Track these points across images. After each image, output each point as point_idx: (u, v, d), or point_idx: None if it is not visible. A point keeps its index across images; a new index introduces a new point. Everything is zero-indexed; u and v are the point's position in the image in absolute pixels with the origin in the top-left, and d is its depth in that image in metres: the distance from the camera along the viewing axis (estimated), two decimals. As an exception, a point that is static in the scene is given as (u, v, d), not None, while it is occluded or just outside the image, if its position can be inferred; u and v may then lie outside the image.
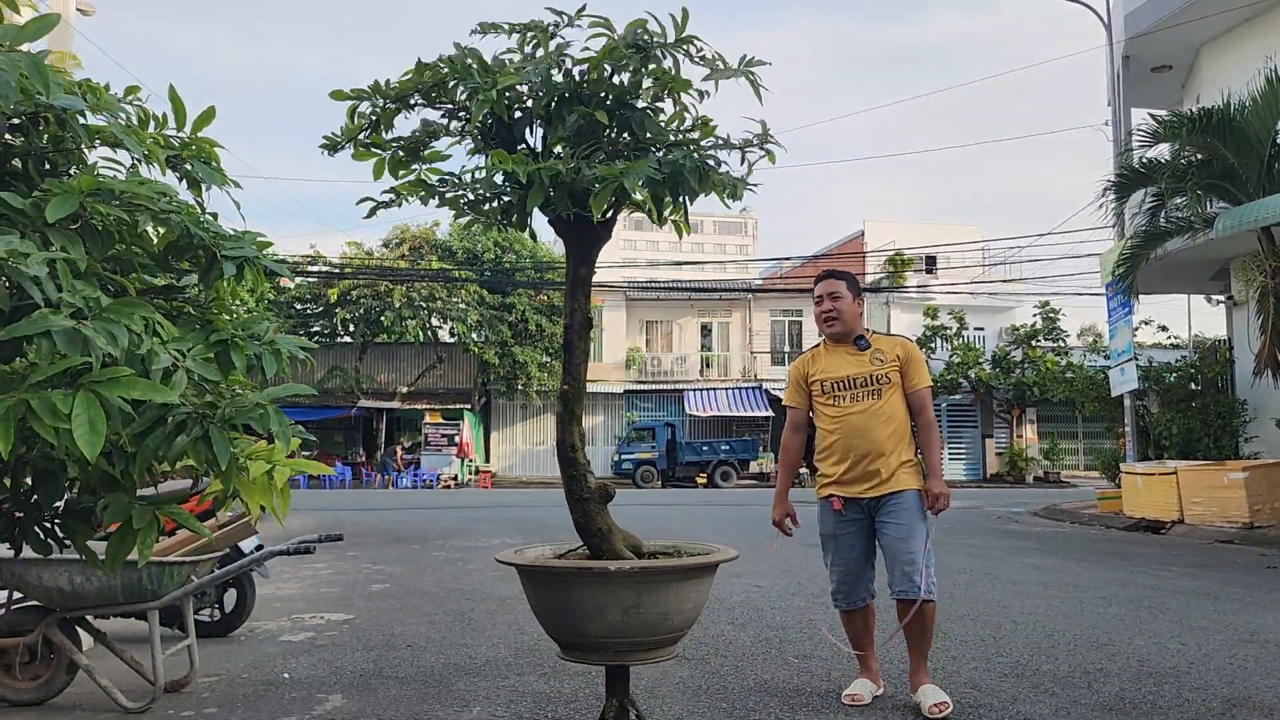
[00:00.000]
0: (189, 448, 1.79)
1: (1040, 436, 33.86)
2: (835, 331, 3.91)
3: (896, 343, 3.96)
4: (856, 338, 3.90)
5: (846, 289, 3.91)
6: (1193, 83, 17.50)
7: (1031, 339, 32.54)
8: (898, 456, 3.80)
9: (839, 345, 3.92)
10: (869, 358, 3.85)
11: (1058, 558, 9.28)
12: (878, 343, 3.91)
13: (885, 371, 3.82)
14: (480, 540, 11.46)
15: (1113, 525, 13.71)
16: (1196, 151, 12.45)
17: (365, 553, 10.30)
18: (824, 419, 3.92)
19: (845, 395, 3.84)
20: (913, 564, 3.72)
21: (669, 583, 3.06)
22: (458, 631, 5.67)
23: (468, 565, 8.98)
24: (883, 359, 3.85)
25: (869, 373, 3.81)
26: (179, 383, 1.69)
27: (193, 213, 2.00)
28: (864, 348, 3.87)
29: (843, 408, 3.84)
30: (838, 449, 3.84)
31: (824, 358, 3.96)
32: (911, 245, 34.39)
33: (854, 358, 3.86)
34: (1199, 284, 17.83)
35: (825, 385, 3.89)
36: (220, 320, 2.05)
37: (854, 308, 3.92)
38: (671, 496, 22.83)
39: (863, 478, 3.81)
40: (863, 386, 3.82)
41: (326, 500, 21.74)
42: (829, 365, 3.90)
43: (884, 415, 3.79)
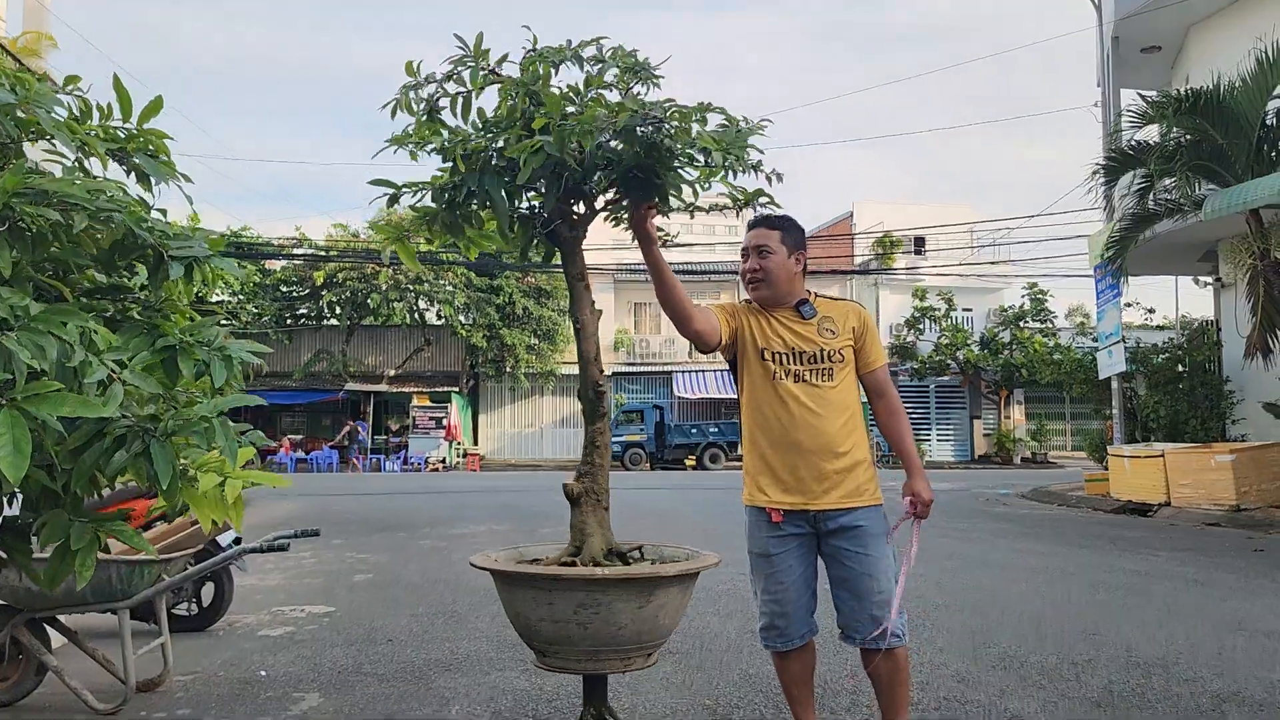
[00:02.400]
0: (129, 464, 1.68)
1: (1028, 418, 33.96)
2: (762, 295, 3.08)
3: (850, 310, 3.14)
4: (799, 302, 3.08)
5: (780, 241, 3.06)
6: (1181, 63, 17.43)
7: (1020, 320, 32.58)
8: (852, 455, 2.99)
9: (774, 310, 3.09)
10: (816, 328, 3.05)
11: (1045, 542, 9.26)
12: (826, 309, 3.10)
13: (838, 346, 3.03)
14: (466, 528, 11.39)
15: (1100, 508, 13.73)
16: (1185, 133, 12.40)
17: (350, 541, 10.21)
18: (759, 398, 3.06)
19: (788, 372, 3.01)
20: (884, 606, 2.93)
21: (620, 594, 2.91)
22: (440, 625, 5.59)
23: (452, 555, 8.89)
24: (834, 329, 3.05)
25: (818, 347, 3.02)
26: (114, 396, 1.59)
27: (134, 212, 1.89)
28: (809, 315, 3.06)
29: (785, 387, 3.01)
30: (777, 442, 3.00)
31: (763, 321, 3.09)
32: (900, 226, 34.36)
33: (797, 327, 3.05)
34: (1187, 265, 17.84)
35: (767, 353, 3.05)
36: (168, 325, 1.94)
37: (789, 265, 3.06)
38: (660, 479, 22.80)
39: (809, 482, 2.96)
40: (810, 364, 3.01)
41: (314, 484, 21.64)
42: (770, 332, 3.06)
43: (836, 401, 3.00)
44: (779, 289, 3.08)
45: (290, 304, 32.30)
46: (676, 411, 32.10)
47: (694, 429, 30.25)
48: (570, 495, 3.23)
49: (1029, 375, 30.70)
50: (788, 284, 3.10)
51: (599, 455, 3.23)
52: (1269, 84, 11.82)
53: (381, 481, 23.37)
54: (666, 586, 2.97)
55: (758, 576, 3.09)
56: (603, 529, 3.25)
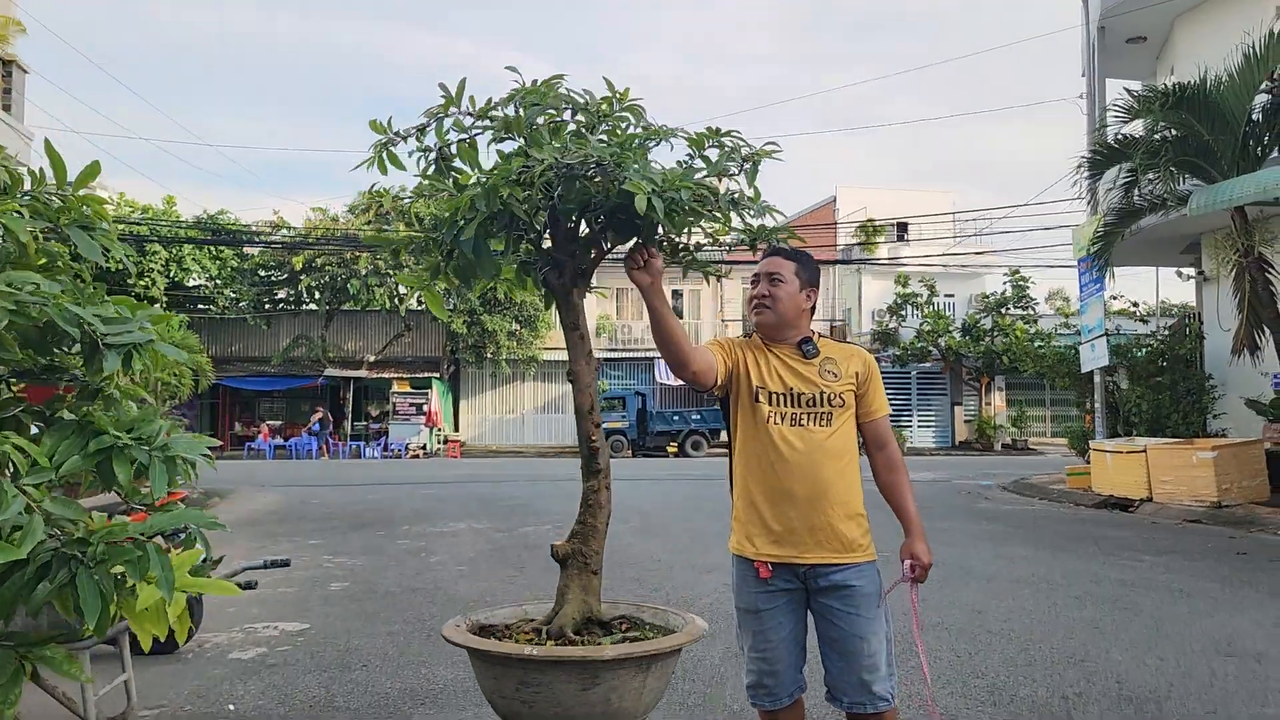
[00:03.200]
0: (54, 595, 1.53)
1: (1008, 404, 34.08)
2: (766, 323, 2.94)
3: (855, 354, 2.99)
4: (802, 340, 2.94)
5: (794, 273, 2.94)
6: (1166, 55, 17.36)
7: (1001, 307, 32.62)
8: (847, 507, 2.84)
9: (775, 346, 2.96)
10: (818, 369, 2.90)
11: (1030, 545, 9.21)
12: (829, 350, 2.96)
13: (839, 391, 2.88)
14: (446, 524, 11.25)
15: (1082, 502, 13.74)
16: (1171, 128, 12.32)
17: (328, 541, 10.07)
18: (751, 441, 2.91)
19: (784, 415, 2.86)
20: (875, 670, 2.78)
21: (557, 676, 2.76)
22: (417, 645, 5.46)
23: (430, 557, 8.76)
24: (836, 372, 2.90)
25: (818, 390, 2.87)
26: (32, 533, 1.43)
27: (60, 303, 1.73)
28: (811, 355, 2.92)
29: (781, 431, 2.85)
30: (768, 490, 2.85)
31: (761, 357, 2.95)
32: (884, 213, 34.30)
33: (798, 366, 2.90)
34: (1170, 257, 17.84)
35: (762, 394, 2.89)
36: (104, 419, 1.78)
37: (799, 299, 2.94)
38: (643, 468, 22.71)
39: (802, 534, 2.82)
40: (808, 407, 2.86)
41: (294, 474, 21.44)
42: (768, 370, 2.92)
43: (833, 449, 2.84)
44: (784, 320, 2.94)
45: (269, 289, 31.93)
46: (658, 398, 32.01)
47: (676, 416, 30.17)
48: (557, 556, 3.09)
49: (1010, 362, 30.80)
50: (794, 317, 2.95)
51: (594, 515, 3.08)
52: (1255, 79, 11.74)
53: (360, 471, 23.17)
54: (613, 669, 2.79)
55: (745, 633, 2.93)
56: (586, 595, 3.10)
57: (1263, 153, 12.10)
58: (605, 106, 2.73)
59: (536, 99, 2.59)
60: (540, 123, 2.64)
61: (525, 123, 2.58)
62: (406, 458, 29.61)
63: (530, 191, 2.40)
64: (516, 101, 2.62)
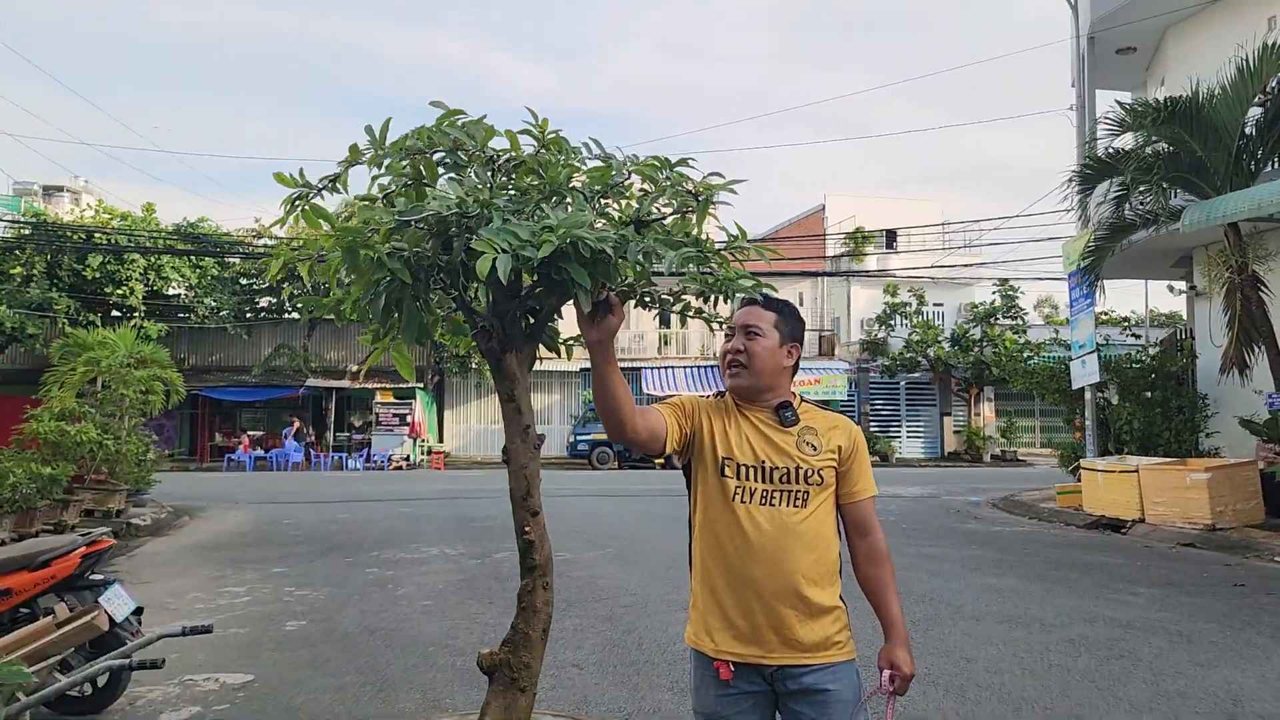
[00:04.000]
0: None
1: (998, 415, 33.86)
2: (740, 385, 2.55)
3: (839, 425, 2.59)
4: (780, 404, 2.55)
5: (774, 325, 2.56)
6: (1157, 66, 17.14)
7: (990, 317, 32.42)
8: (821, 601, 2.46)
9: (749, 409, 2.57)
10: (795, 439, 2.51)
11: (1020, 575, 8.89)
12: (811, 418, 2.57)
13: (819, 466, 2.49)
14: (419, 549, 10.87)
15: (1072, 522, 13.44)
16: (1163, 142, 12.05)
17: (293, 568, 9.69)
18: (714, 519, 2.53)
19: (754, 491, 2.48)
20: None
21: None
22: (366, 699, 5.09)
23: (397, 589, 8.39)
24: (816, 445, 2.51)
25: (793, 463, 2.48)
26: None
27: None
28: (789, 421, 2.52)
29: (749, 510, 2.47)
30: (732, 577, 2.49)
31: (729, 423, 2.56)
32: (873, 221, 34.05)
33: (773, 435, 2.52)
34: (1161, 270, 17.61)
35: (729, 467, 2.51)
36: None
37: (778, 355, 2.55)
38: (627, 481, 22.35)
39: (768, 630, 2.45)
40: (783, 484, 2.48)
41: (270, 488, 21.01)
42: (736, 437, 2.53)
43: (808, 534, 2.47)
44: (761, 380, 2.55)
45: (250, 297, 31.48)
46: (645, 408, 31.61)
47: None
48: (483, 667, 2.69)
49: (1000, 373, 30.58)
50: (772, 376, 2.56)
51: (528, 621, 2.68)
52: (1249, 92, 11.49)
53: (339, 485, 22.74)
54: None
55: None
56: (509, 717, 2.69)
57: (1256, 168, 11.86)
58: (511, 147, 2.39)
59: (423, 142, 2.23)
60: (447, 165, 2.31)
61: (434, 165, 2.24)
62: (389, 469, 29.20)
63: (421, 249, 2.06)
64: (410, 144, 2.28)
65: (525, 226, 2.06)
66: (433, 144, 2.21)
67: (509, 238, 2.02)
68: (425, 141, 2.21)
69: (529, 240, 2.02)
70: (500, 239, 2.01)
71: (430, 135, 2.22)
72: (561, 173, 2.17)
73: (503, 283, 1.89)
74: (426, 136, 2.22)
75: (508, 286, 2.32)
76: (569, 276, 1.96)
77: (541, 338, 2.58)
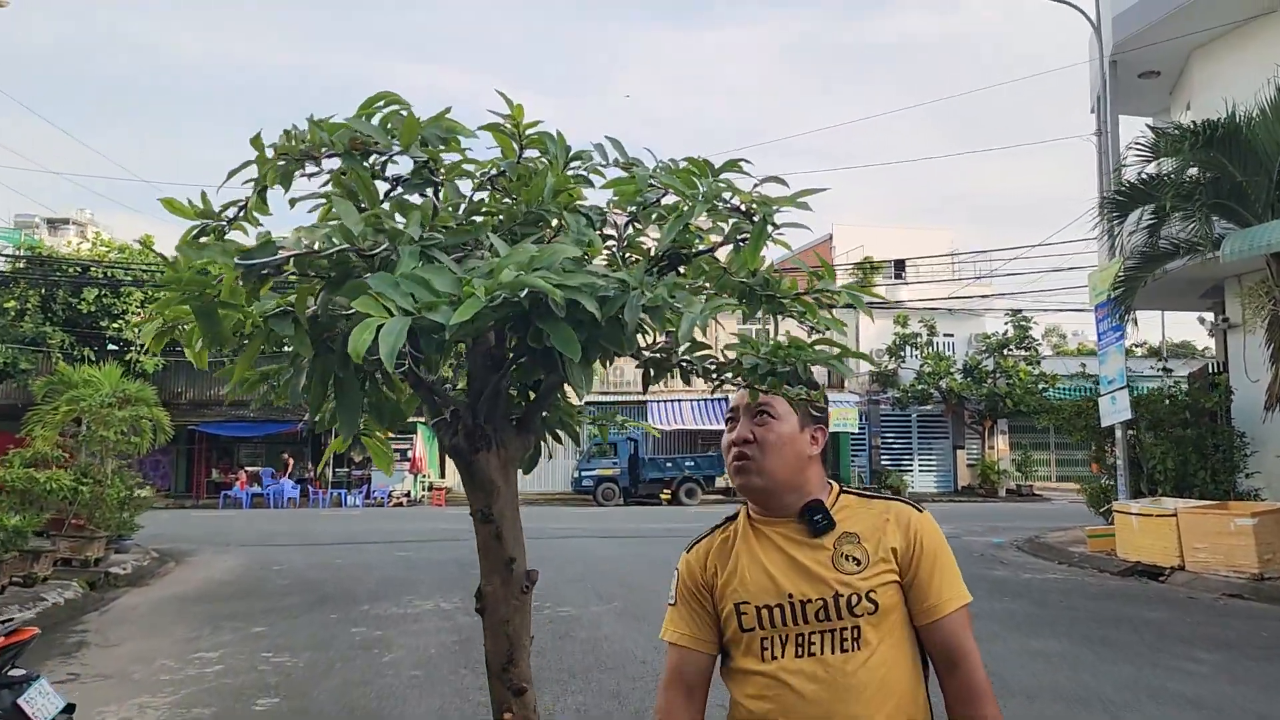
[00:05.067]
0: None
1: (1012, 448, 33.04)
2: (751, 486, 1.90)
3: (892, 515, 1.90)
4: (807, 507, 1.88)
5: (788, 408, 1.89)
6: (1181, 89, 16.57)
7: (1003, 348, 31.74)
8: None
9: (768, 520, 1.92)
10: (832, 554, 1.85)
11: (1064, 636, 8.15)
12: (849, 517, 1.90)
13: (868, 587, 1.82)
14: (410, 604, 10.15)
15: (1106, 569, 12.68)
16: (1201, 167, 11.43)
17: (275, 626, 8.98)
18: (742, 683, 1.89)
19: (785, 638, 1.83)
20: None
21: None
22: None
23: (384, 655, 7.68)
24: (861, 556, 1.84)
25: (832, 591, 1.81)
26: None
27: None
28: (821, 529, 1.86)
29: (781, 665, 1.82)
30: None
31: (741, 550, 1.92)
32: (882, 251, 33.44)
33: (800, 554, 1.86)
34: (1189, 301, 16.93)
35: (746, 616, 1.85)
36: None
37: (799, 443, 1.90)
38: (633, 520, 21.60)
39: None
40: (822, 621, 1.81)
41: (268, 527, 20.32)
42: (750, 569, 1.88)
43: (872, 685, 1.79)
44: (779, 479, 1.88)
45: (248, 330, 30.92)
46: (650, 444, 30.94)
47: (669, 463, 29.10)
48: None
49: (1014, 405, 29.86)
50: (793, 473, 1.89)
51: None
52: (1290, 115, 10.89)
53: (337, 524, 22.04)
54: None
55: None
56: None
57: (1299, 194, 11.22)
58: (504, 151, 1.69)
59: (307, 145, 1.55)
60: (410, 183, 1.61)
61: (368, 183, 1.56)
62: (389, 505, 28.48)
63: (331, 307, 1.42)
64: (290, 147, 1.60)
65: (442, 273, 1.35)
66: (317, 148, 1.54)
67: (414, 290, 1.31)
68: (311, 143, 1.53)
69: (444, 296, 1.32)
70: (396, 294, 1.31)
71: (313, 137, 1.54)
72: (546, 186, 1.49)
73: (387, 367, 1.21)
74: (298, 139, 1.55)
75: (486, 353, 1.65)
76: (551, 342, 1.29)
77: (539, 428, 1.84)
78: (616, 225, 1.66)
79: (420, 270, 1.29)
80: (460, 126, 1.62)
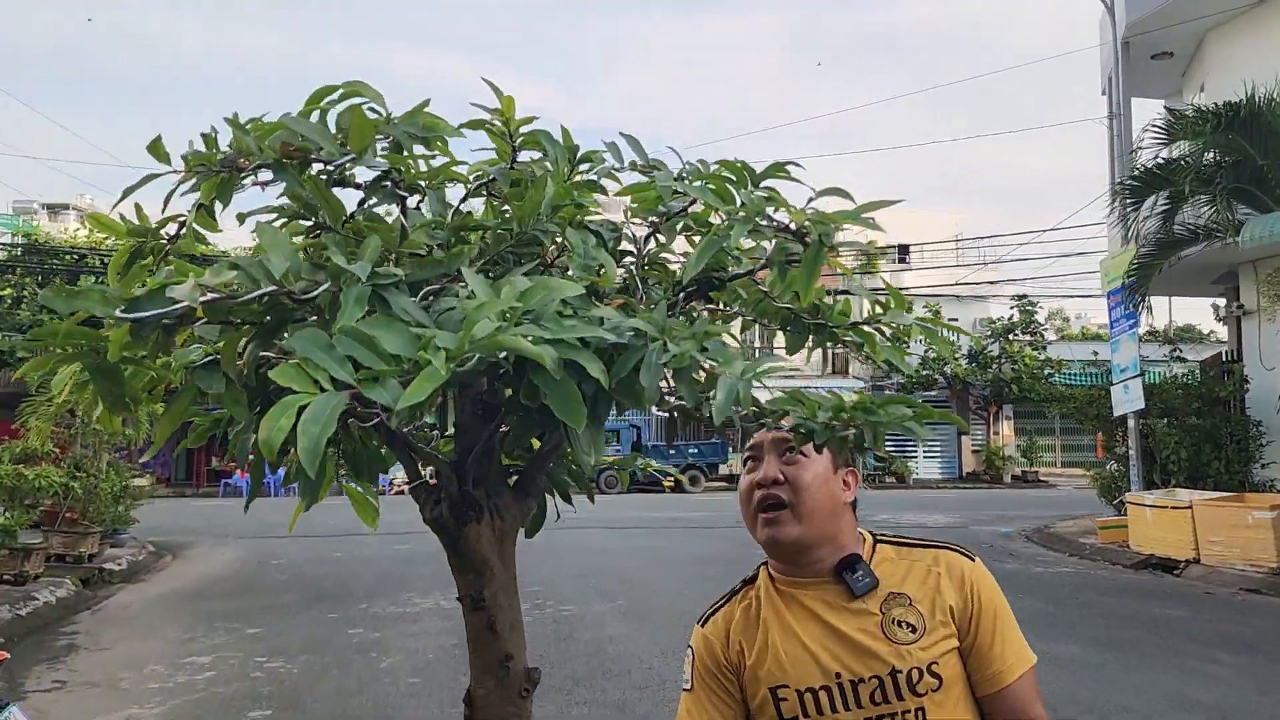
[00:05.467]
0: None
1: (1017, 433, 32.81)
2: (785, 537, 1.61)
3: (942, 564, 1.64)
4: (844, 563, 1.62)
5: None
6: (1195, 71, 16.23)
7: (1008, 334, 31.46)
8: None
9: (797, 582, 1.65)
10: (881, 620, 1.58)
11: (1081, 640, 7.91)
12: (893, 572, 1.64)
13: (930, 658, 1.54)
14: (410, 601, 9.93)
15: (1119, 561, 12.45)
16: (1220, 151, 11.12)
17: (271, 627, 8.76)
18: None
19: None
20: None
21: None
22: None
23: (382, 660, 7.46)
24: (917, 621, 1.57)
25: (890, 666, 1.54)
26: None
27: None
28: (863, 588, 1.59)
29: None
30: None
31: (770, 621, 1.64)
32: (887, 234, 33.11)
33: (842, 622, 1.59)
34: (1200, 287, 16.62)
35: (786, 703, 1.57)
36: None
37: (832, 487, 1.64)
38: (636, 508, 21.36)
39: None
40: (878, 704, 1.53)
41: (268, 517, 20.07)
42: (785, 644, 1.60)
43: None
44: (814, 527, 1.60)
45: (247, 317, 30.71)
46: (654, 430, 30.74)
47: (672, 450, 28.87)
48: None
49: (1020, 391, 29.63)
50: (828, 520, 1.61)
51: None
52: (1312, 97, 10.58)
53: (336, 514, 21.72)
54: None
55: None
56: None
57: (1321, 178, 10.92)
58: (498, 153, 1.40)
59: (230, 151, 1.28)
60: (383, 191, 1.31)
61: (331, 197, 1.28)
62: (391, 494, 28.25)
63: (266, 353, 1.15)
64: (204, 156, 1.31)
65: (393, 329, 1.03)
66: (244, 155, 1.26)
67: (356, 352, 1.00)
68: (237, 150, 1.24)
69: (393, 363, 0.98)
70: (329, 359, 0.99)
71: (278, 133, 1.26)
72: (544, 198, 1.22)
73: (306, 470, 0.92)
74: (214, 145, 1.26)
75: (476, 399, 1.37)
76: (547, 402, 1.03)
77: (539, 488, 1.52)
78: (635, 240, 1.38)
79: (367, 323, 1.00)
80: (443, 124, 1.32)
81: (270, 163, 1.21)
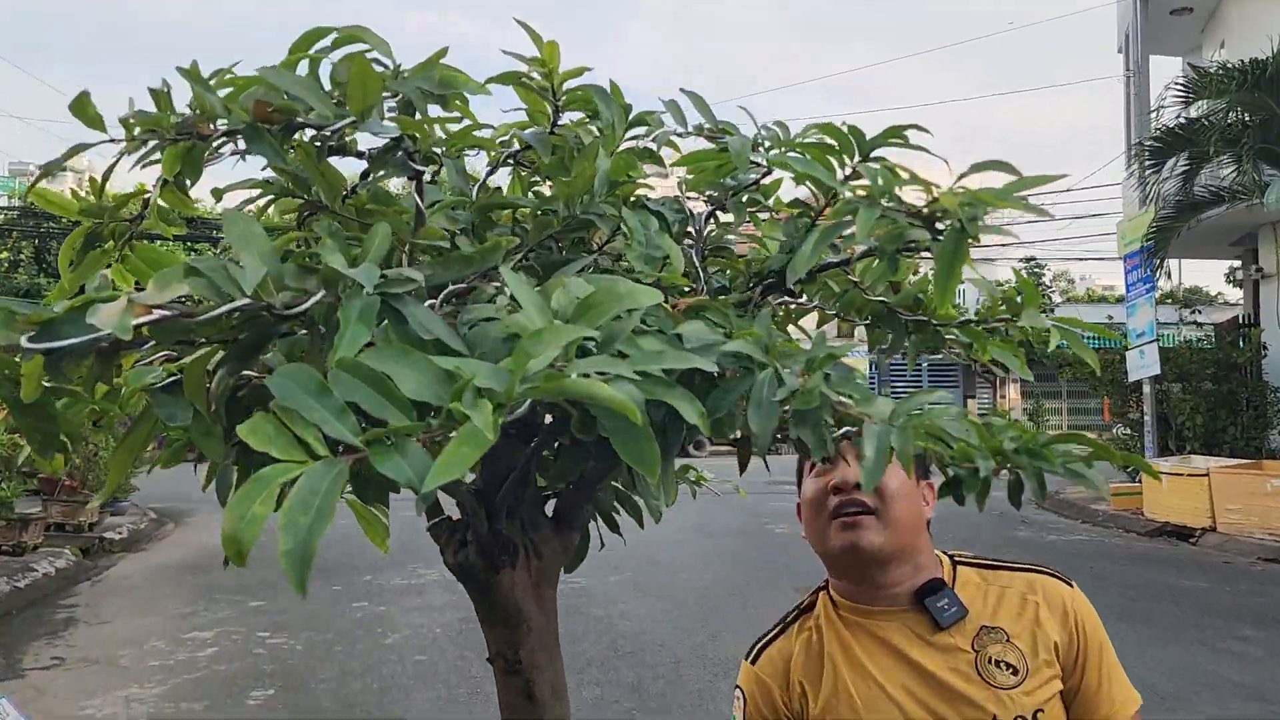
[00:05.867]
0: None
1: (1024, 397, 32.62)
2: (870, 548, 1.39)
3: (1039, 597, 1.46)
4: (925, 589, 1.42)
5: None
6: (1215, 27, 15.81)
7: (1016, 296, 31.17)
8: None
9: (872, 610, 1.44)
10: (975, 659, 1.36)
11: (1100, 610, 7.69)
12: (980, 600, 1.44)
13: (1037, 702, 1.34)
14: (416, 573, 9.77)
15: (1133, 529, 12.28)
16: (1244, 110, 10.78)
17: (274, 601, 8.58)
18: None
19: None
20: None
21: None
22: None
23: (387, 636, 7.30)
24: (1018, 661, 1.36)
25: (991, 714, 1.32)
26: None
27: None
28: (951, 618, 1.38)
29: None
30: None
31: (838, 656, 1.42)
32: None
33: (928, 659, 1.37)
34: (1217, 250, 16.34)
35: None
36: None
37: (913, 500, 1.44)
38: (641, 476, 21.23)
39: None
40: None
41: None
42: (858, 684, 1.38)
43: None
44: (897, 540, 1.39)
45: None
46: (658, 394, 30.56)
47: (676, 413, 28.74)
48: None
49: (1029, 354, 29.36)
50: (910, 534, 1.41)
51: None
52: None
53: (340, 479, 21.66)
54: None
55: None
56: None
57: (1349, 138, 10.59)
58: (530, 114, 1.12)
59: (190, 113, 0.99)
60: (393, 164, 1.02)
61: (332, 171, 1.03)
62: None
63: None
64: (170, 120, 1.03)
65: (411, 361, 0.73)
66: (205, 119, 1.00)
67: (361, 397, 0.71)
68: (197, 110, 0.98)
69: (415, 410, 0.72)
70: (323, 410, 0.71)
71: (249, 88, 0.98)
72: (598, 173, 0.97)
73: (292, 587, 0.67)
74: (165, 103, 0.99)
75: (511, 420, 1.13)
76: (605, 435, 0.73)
77: (584, 519, 1.26)
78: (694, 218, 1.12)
79: (375, 354, 0.74)
80: (464, 77, 1.04)
81: (241, 128, 0.95)
